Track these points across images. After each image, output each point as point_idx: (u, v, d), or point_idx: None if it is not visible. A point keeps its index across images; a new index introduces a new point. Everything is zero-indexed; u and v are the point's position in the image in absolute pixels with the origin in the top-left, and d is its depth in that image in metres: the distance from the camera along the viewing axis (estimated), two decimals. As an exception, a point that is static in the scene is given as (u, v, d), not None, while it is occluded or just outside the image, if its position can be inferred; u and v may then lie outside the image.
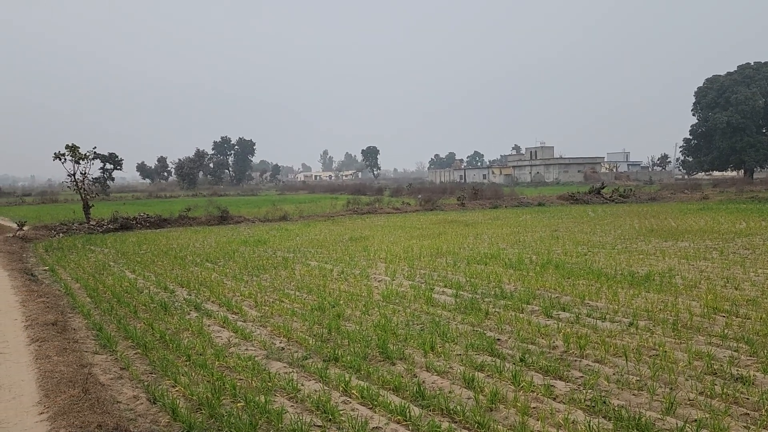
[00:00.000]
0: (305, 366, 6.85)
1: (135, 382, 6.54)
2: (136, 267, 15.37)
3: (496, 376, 6.22)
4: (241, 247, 19.07)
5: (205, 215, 31.96)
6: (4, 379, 6.44)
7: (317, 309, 9.61)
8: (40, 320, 9.07)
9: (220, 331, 8.65)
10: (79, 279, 13.62)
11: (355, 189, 74.08)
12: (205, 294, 11.37)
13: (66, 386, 5.99)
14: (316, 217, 33.74)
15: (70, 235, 26.00)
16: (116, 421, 5.01)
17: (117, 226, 28.27)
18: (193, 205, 36.25)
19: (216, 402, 5.65)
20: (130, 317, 9.63)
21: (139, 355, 7.61)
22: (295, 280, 12.55)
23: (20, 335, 8.35)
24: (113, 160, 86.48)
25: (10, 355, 7.43)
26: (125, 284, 12.60)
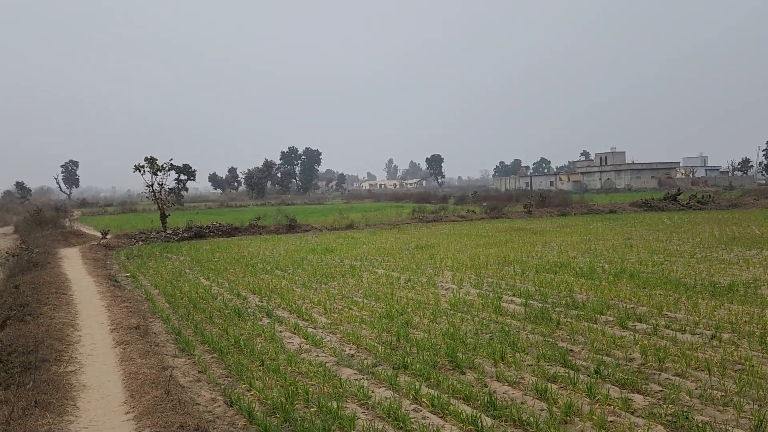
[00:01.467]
0: (375, 373, 6.91)
1: (212, 385, 6.78)
2: (210, 274, 15.92)
3: (570, 388, 6.08)
4: (309, 255, 19.43)
5: (274, 224, 32.75)
6: (94, 380, 6.82)
7: (385, 317, 9.67)
8: (124, 324, 9.55)
9: (292, 337, 8.85)
10: (157, 285, 14.25)
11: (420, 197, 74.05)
12: (276, 301, 11.66)
13: (149, 387, 6.29)
14: (381, 225, 33.98)
15: (148, 243, 27.23)
16: (196, 422, 5.21)
17: (191, 235, 29.39)
18: (263, 214, 37.23)
19: (290, 406, 5.78)
20: (206, 322, 9.99)
21: (215, 359, 7.88)
22: (363, 287, 12.68)
23: (107, 338, 8.82)
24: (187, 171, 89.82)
25: (98, 357, 7.85)
26: (200, 291, 13.08)
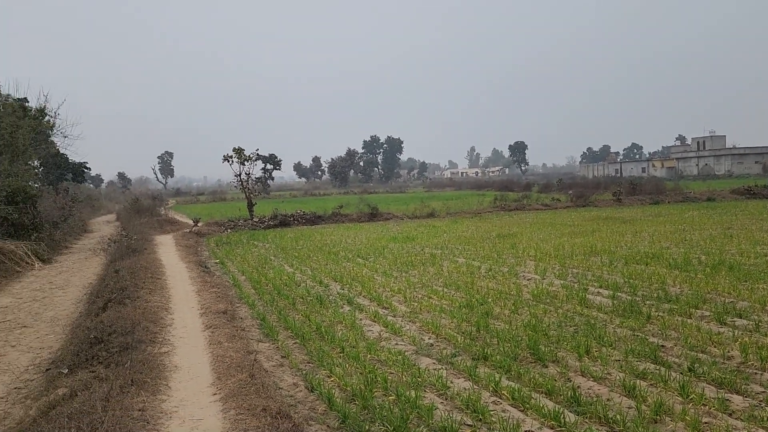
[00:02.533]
0: (454, 363, 6.84)
1: (294, 370, 6.94)
2: (294, 261, 16.33)
3: (661, 386, 5.76)
4: (390, 244, 19.53)
5: (356, 212, 33.17)
6: (184, 361, 7.15)
7: (465, 306, 9.56)
8: (212, 309, 9.96)
9: (372, 325, 8.92)
10: (244, 272, 14.77)
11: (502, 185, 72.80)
12: (357, 288, 11.79)
13: (235, 371, 6.51)
14: (462, 213, 33.65)
15: (236, 230, 28.31)
16: (279, 406, 5.34)
17: (277, 223, 30.28)
18: (345, 203, 37.81)
19: (369, 394, 5.82)
20: (289, 309, 10.25)
21: (297, 344, 8.07)
22: (443, 276, 12.60)
23: (196, 322, 9.23)
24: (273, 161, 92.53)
25: (189, 339, 8.23)
26: (284, 277, 13.44)
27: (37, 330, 10.59)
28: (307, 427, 5.09)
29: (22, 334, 10.33)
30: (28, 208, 22.31)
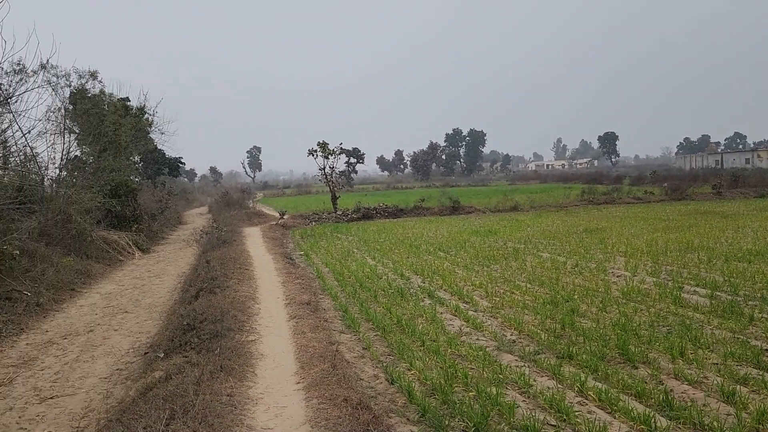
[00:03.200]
0: (537, 361, 6.68)
1: (375, 362, 7.02)
2: (376, 254, 16.49)
3: (764, 393, 5.38)
4: (472, 237, 19.34)
5: (438, 206, 33.06)
6: (270, 350, 7.39)
7: (549, 303, 9.32)
8: (296, 299, 10.23)
9: (452, 319, 8.87)
10: (327, 264, 15.08)
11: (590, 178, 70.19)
12: (437, 282, 11.75)
13: (318, 360, 6.67)
14: (547, 207, 32.79)
15: (320, 223, 28.94)
16: (359, 397, 5.42)
17: (359, 216, 30.70)
18: (427, 196, 37.74)
19: (449, 389, 5.79)
20: (370, 301, 10.37)
21: (378, 337, 8.15)
22: (526, 271, 12.33)
23: (282, 312, 9.52)
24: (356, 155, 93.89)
25: (274, 328, 8.50)
26: (366, 270, 13.60)
27: (137, 315, 11.26)
28: (387, 420, 5.13)
29: (124, 319, 11.02)
30: (129, 200, 23.78)
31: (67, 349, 9.06)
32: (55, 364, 8.30)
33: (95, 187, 21.04)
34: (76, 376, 7.75)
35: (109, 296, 13.31)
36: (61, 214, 17.54)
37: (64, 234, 17.21)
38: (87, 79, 23.09)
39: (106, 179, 22.56)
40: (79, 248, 17.50)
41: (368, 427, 4.68)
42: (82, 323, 10.74)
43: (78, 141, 22.99)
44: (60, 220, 17.39)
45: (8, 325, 10.26)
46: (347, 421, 4.86)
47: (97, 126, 22.38)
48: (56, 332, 10.12)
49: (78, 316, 11.33)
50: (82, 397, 6.98)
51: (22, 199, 15.41)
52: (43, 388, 7.33)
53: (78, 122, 22.47)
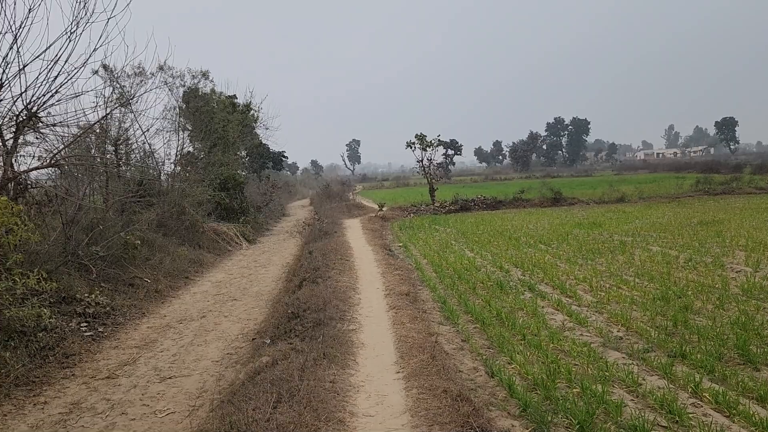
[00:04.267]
0: (646, 359, 6.37)
1: (474, 355, 6.97)
2: (474, 246, 16.33)
3: None
4: (574, 230, 18.68)
5: (538, 197, 32.21)
6: (370, 339, 7.53)
7: (660, 299, 8.83)
8: (396, 290, 10.35)
9: (554, 313, 8.63)
10: (426, 255, 15.12)
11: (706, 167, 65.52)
12: (538, 275, 11.47)
13: (417, 351, 6.72)
14: (657, 198, 31.03)
15: (418, 215, 29.05)
16: (459, 389, 5.41)
17: (457, 208, 30.52)
18: (527, 187, 36.84)
19: (551, 384, 5.65)
20: (469, 293, 10.29)
21: (477, 329, 8.08)
22: (634, 266, 11.75)
23: (381, 302, 9.67)
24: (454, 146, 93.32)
25: (374, 318, 8.65)
26: (465, 262, 13.50)
27: (245, 303, 11.84)
28: (487, 413, 5.09)
29: (233, 306, 11.62)
30: (237, 193, 25.01)
31: (183, 333, 9.68)
32: (173, 347, 8.89)
33: (206, 181, 22.33)
34: (191, 359, 8.27)
35: (219, 284, 14.07)
36: (176, 206, 18.75)
37: (178, 225, 18.39)
38: (199, 78, 24.47)
39: (216, 173, 23.86)
40: (192, 239, 18.64)
41: (468, 419, 4.67)
42: (195, 309, 11.43)
43: (190, 137, 24.45)
44: (175, 212, 18.60)
45: (131, 309, 11.11)
46: (447, 412, 4.86)
47: (208, 123, 23.70)
48: (173, 317, 10.85)
49: (192, 303, 12.07)
50: (197, 378, 7.44)
51: (142, 192, 16.61)
52: (163, 368, 7.88)
53: (190, 120, 23.89)
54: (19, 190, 10.22)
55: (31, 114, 9.92)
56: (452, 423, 4.66)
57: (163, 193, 19.22)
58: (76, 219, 12.03)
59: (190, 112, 23.57)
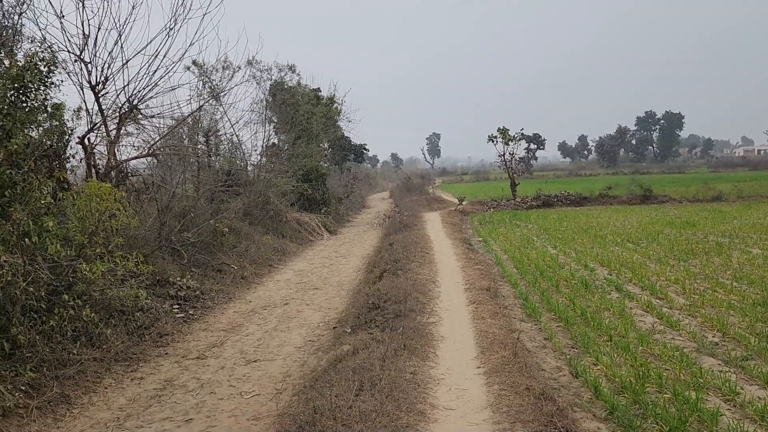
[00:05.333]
0: (745, 367, 5.99)
1: (557, 354, 6.79)
2: (557, 243, 15.90)
3: None
4: (665, 229, 17.81)
5: (626, 194, 30.92)
6: (449, 333, 7.50)
7: (761, 304, 8.27)
8: (476, 285, 10.25)
9: (644, 315, 8.27)
10: (506, 251, 14.87)
11: (815, 164, 60.68)
12: (626, 275, 11.02)
13: (498, 347, 6.62)
14: (759, 197, 29.00)
15: (498, 210, 28.62)
16: (542, 387, 5.29)
17: (539, 203, 29.81)
18: (614, 184, 35.44)
19: (640, 388, 5.42)
20: (552, 291, 10.03)
21: (560, 328, 7.87)
22: (732, 268, 11.06)
23: (461, 296, 9.60)
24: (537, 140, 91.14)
25: (454, 312, 8.60)
26: (547, 259, 13.18)
27: (326, 292, 12.07)
28: (572, 413, 4.94)
29: (315, 294, 11.88)
30: (319, 185, 25.54)
31: (267, 319, 10.00)
32: (257, 332, 9.20)
33: (290, 172, 22.92)
34: (274, 344, 8.54)
35: (301, 273, 14.43)
36: (262, 196, 19.37)
37: (263, 214, 19.00)
38: (285, 72, 25.15)
39: (300, 165, 24.44)
40: (276, 228, 19.20)
41: (552, 418, 4.55)
42: (278, 296, 11.78)
43: (275, 129, 25.18)
44: (260, 202, 19.22)
45: (219, 294, 11.59)
46: (530, 410, 4.77)
47: (293, 115, 24.30)
48: (257, 303, 11.22)
49: (275, 290, 12.45)
50: (280, 363, 7.67)
51: (230, 182, 17.28)
52: (248, 352, 8.17)
53: (276, 112, 24.60)
54: (120, 178, 10.88)
55: (132, 106, 10.53)
56: (535, 421, 4.57)
57: (249, 183, 19.91)
58: (169, 206, 12.66)
59: (276, 105, 24.27)
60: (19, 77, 6.38)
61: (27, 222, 6.28)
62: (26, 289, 6.33)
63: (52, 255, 6.91)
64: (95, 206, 7.79)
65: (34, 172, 6.32)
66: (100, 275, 7.68)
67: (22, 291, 6.26)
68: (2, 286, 5.95)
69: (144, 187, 12.53)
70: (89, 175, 9.90)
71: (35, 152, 6.52)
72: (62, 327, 7.04)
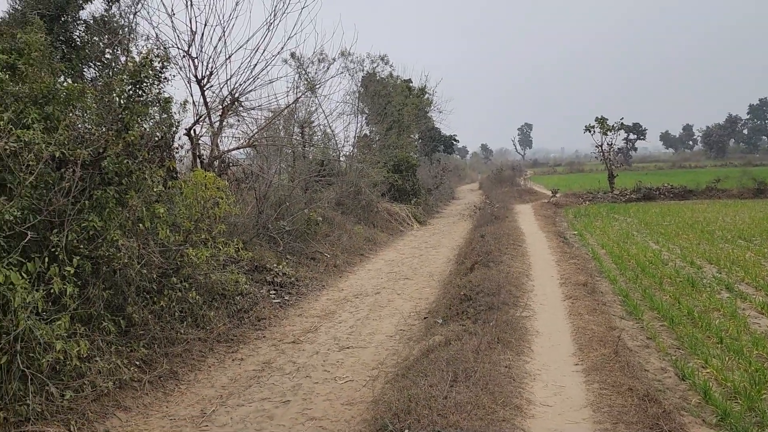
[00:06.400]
0: None
1: (662, 355, 6.46)
2: (660, 238, 15.10)
3: None
4: (783, 225, 16.47)
5: (737, 187, 28.83)
6: (544, 328, 7.31)
7: None
8: (572, 280, 9.92)
9: (758, 317, 7.70)
10: (604, 245, 14.28)
11: None
12: (737, 274, 10.30)
13: (597, 344, 6.38)
14: None
15: (594, 203, 27.54)
16: (646, 388, 5.05)
17: (639, 196, 28.42)
18: (722, 176, 33.14)
19: (756, 395, 5.06)
20: (654, 288, 9.54)
21: (665, 327, 7.47)
22: None
23: (556, 291, 9.33)
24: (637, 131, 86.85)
25: (548, 307, 8.37)
26: (649, 255, 12.54)
27: (416, 282, 12.10)
28: (679, 417, 4.68)
29: (405, 284, 11.94)
30: (409, 175, 25.59)
31: (359, 307, 10.15)
32: (350, 319, 9.37)
33: (381, 163, 23.12)
34: (366, 332, 8.65)
35: (391, 263, 14.54)
36: (353, 186, 19.67)
37: (355, 204, 19.29)
38: (378, 63, 25.32)
39: (390, 155, 24.60)
40: (367, 218, 19.44)
41: (658, 421, 4.34)
42: (370, 285, 11.92)
43: (367, 121, 25.46)
44: (352, 192, 19.52)
45: (313, 281, 11.89)
46: (633, 412, 4.56)
47: (384, 106, 24.47)
48: (349, 291, 11.42)
49: (366, 279, 12.62)
50: (372, 351, 7.76)
51: (323, 172, 17.66)
52: (341, 338, 8.34)
53: (367, 103, 24.86)
54: (222, 168, 11.38)
55: (234, 99, 10.97)
56: (639, 423, 4.36)
57: (341, 173, 20.27)
58: (266, 195, 13.12)
59: (368, 96, 24.51)
60: (137, 73, 6.81)
61: (141, 209, 6.69)
62: (140, 271, 6.77)
63: (162, 240, 7.35)
64: (201, 194, 8.20)
65: (147, 161, 6.72)
66: (205, 260, 8.08)
67: (137, 273, 6.70)
68: (120, 268, 6.39)
69: (243, 176, 13.04)
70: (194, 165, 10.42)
71: (148, 143, 6.93)
72: (171, 307, 7.48)
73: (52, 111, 6.04)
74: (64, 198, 5.82)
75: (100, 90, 6.82)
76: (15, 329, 4.99)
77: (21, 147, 5.25)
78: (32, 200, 5.65)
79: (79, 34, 9.80)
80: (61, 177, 5.96)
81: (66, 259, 5.81)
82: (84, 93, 6.44)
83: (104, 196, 6.26)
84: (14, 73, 6.16)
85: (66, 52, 8.90)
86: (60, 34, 9.18)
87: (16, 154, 5.24)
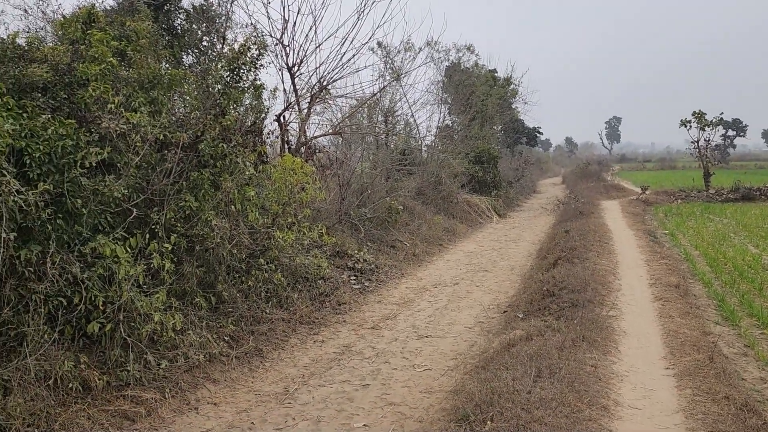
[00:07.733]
0: None
1: (761, 363, 6.09)
2: (760, 241, 14.14)
3: None
4: None
5: None
6: (632, 329, 7.04)
7: None
8: (662, 281, 9.49)
9: None
10: (697, 246, 13.55)
11: None
12: None
13: (689, 349, 6.09)
14: None
15: (687, 201, 26.16)
16: (744, 398, 4.77)
17: (737, 196, 26.71)
18: (834, 178, 30.69)
19: None
20: (753, 294, 8.97)
21: (765, 335, 7.03)
22: None
23: (645, 291, 8.96)
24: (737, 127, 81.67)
25: (636, 307, 8.06)
26: (747, 258, 11.79)
27: (496, 275, 11.95)
28: (781, 431, 4.40)
29: (484, 277, 11.82)
30: (490, 167, 25.24)
31: (438, 297, 10.15)
32: (428, 308, 9.38)
33: (462, 154, 22.91)
34: (444, 322, 8.64)
35: (470, 254, 14.42)
36: (434, 176, 19.62)
37: (435, 195, 19.25)
38: (463, 52, 25.04)
39: (472, 146, 24.33)
40: (447, 208, 19.36)
41: (758, 433, 4.09)
42: (448, 276, 11.89)
43: (449, 111, 25.28)
44: (433, 182, 19.48)
45: (392, 269, 11.98)
46: (730, 421, 4.33)
47: (468, 97, 24.20)
48: (428, 281, 11.43)
49: (445, 269, 12.58)
50: (450, 341, 7.75)
51: (404, 161, 17.71)
52: (419, 327, 8.37)
53: (451, 93, 24.66)
54: (309, 154, 11.63)
55: (322, 86, 11.17)
56: (736, 434, 4.14)
57: (423, 163, 20.25)
58: (349, 182, 13.31)
59: (452, 86, 24.31)
60: (234, 60, 7.08)
61: (233, 191, 6.97)
62: (231, 251, 7.06)
63: (252, 222, 7.62)
64: (288, 179, 8.43)
65: (240, 145, 6.98)
66: (290, 243, 8.33)
67: (228, 252, 6.99)
68: (212, 247, 6.69)
69: (328, 163, 13.28)
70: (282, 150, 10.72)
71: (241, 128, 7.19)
72: (257, 287, 7.77)
73: (156, 95, 6.38)
74: (165, 179, 6.14)
75: (200, 76, 7.12)
76: (119, 300, 5.34)
77: (129, 129, 5.58)
78: (137, 180, 6.01)
79: (179, 22, 10.28)
80: (162, 158, 6.29)
81: (164, 237, 6.15)
82: (185, 78, 6.75)
83: (200, 178, 6.57)
84: (123, 59, 6.53)
85: (168, 40, 9.36)
86: (163, 22, 9.67)
87: (124, 135, 5.57)
